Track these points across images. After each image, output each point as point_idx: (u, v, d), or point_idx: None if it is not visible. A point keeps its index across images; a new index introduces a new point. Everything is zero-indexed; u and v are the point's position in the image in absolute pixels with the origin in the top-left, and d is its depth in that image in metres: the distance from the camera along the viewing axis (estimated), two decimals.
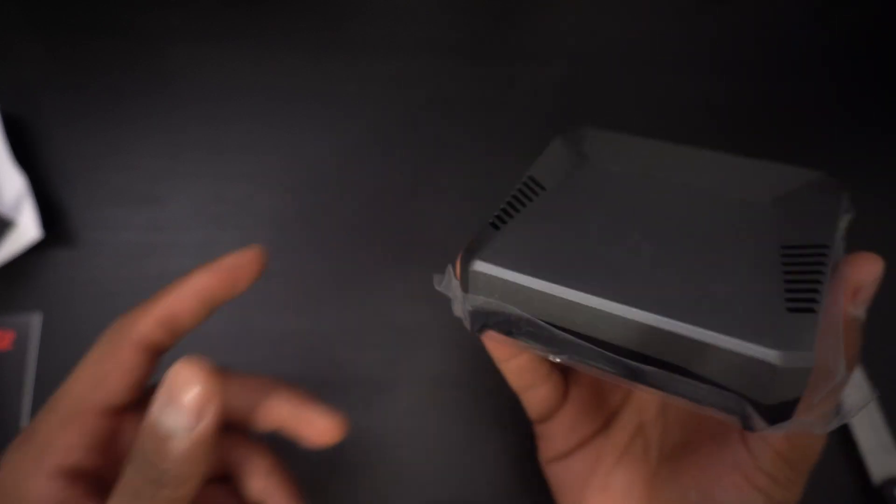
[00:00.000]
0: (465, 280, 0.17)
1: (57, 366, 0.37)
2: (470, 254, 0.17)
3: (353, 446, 0.36)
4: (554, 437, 0.27)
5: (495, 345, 0.22)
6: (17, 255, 0.38)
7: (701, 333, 0.15)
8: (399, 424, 0.36)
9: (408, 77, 0.48)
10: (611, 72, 0.49)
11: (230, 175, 0.43)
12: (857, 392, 0.19)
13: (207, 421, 0.16)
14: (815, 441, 0.20)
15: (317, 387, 0.37)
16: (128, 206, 0.42)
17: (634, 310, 0.15)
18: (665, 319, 0.15)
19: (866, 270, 0.18)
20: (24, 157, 0.42)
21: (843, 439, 0.36)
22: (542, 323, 0.16)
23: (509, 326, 0.17)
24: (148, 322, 0.22)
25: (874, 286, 0.18)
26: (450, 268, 0.18)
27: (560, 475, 0.26)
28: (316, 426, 0.24)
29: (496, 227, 0.18)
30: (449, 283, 0.18)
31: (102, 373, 0.21)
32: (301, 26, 0.49)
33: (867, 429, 0.35)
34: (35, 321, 0.38)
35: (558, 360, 0.17)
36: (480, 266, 0.17)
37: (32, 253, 0.39)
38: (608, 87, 0.48)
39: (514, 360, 0.23)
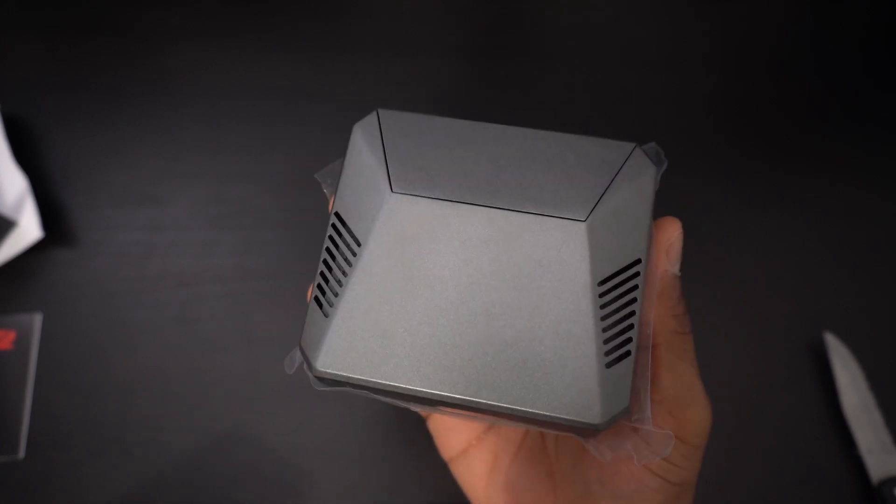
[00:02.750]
0: (311, 371, 0.18)
1: (57, 365, 0.37)
2: (309, 351, 0.18)
3: (351, 443, 0.36)
4: (447, 434, 0.26)
5: None
6: (17, 254, 0.38)
7: (531, 413, 0.17)
8: (399, 423, 0.36)
9: (408, 77, 0.48)
10: (611, 72, 0.49)
11: (230, 175, 0.43)
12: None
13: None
14: (699, 413, 0.20)
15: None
16: (128, 206, 0.42)
17: (475, 399, 0.17)
18: (500, 406, 0.17)
19: (670, 231, 0.20)
20: (25, 157, 0.42)
21: (843, 439, 0.36)
22: (390, 398, 0.19)
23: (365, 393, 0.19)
24: None
25: (679, 243, 0.20)
26: (298, 355, 0.19)
27: (463, 475, 0.26)
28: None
29: (325, 313, 0.19)
30: (297, 366, 0.20)
31: None
32: (301, 26, 0.49)
33: (866, 428, 0.35)
34: (35, 321, 0.38)
35: (414, 408, 0.19)
36: (323, 367, 0.18)
37: (33, 253, 0.39)
38: (608, 87, 0.48)
39: None
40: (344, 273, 0.19)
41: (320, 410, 0.36)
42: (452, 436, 0.26)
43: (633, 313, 0.18)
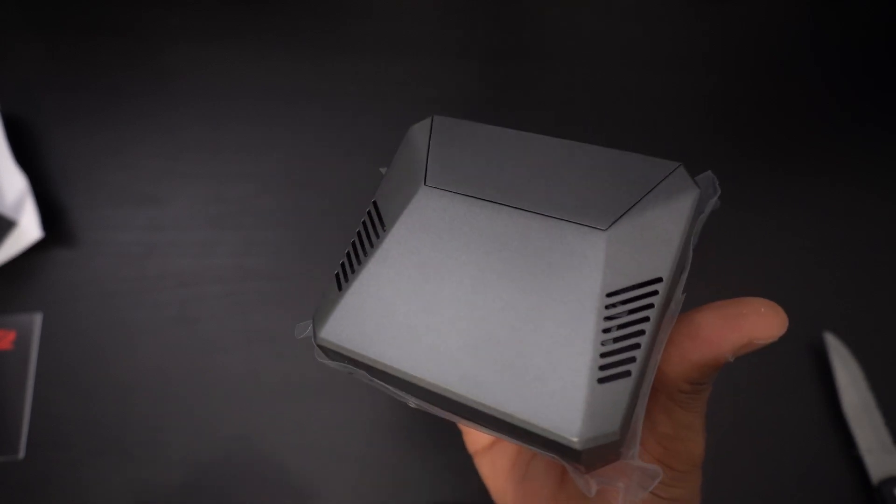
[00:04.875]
0: (315, 339, 0.19)
1: (57, 365, 0.37)
2: (316, 321, 0.19)
3: (353, 443, 0.36)
4: (474, 431, 0.27)
5: None
6: (17, 255, 0.38)
7: (510, 416, 0.16)
8: (399, 424, 0.36)
9: (408, 77, 0.48)
10: (611, 72, 0.49)
11: (230, 175, 0.43)
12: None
13: None
14: (693, 448, 0.19)
15: (318, 386, 0.37)
16: (128, 206, 0.42)
17: (457, 392, 0.17)
18: (481, 403, 0.17)
19: (770, 327, 0.16)
20: (25, 157, 0.42)
21: (843, 439, 0.36)
22: (385, 383, 0.19)
23: (364, 376, 0.19)
24: None
25: (768, 343, 0.16)
26: (309, 325, 0.20)
27: (485, 467, 0.27)
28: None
29: (339, 287, 0.19)
30: (305, 335, 0.20)
31: None
32: (301, 26, 0.49)
33: (866, 428, 0.35)
34: (35, 321, 0.38)
35: (411, 404, 0.19)
36: (325, 336, 0.19)
37: (33, 253, 0.39)
38: (608, 87, 0.48)
39: None
40: (365, 254, 0.19)
41: (321, 410, 0.36)
42: (480, 433, 0.27)
43: (641, 332, 0.16)
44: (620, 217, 0.18)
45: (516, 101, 0.47)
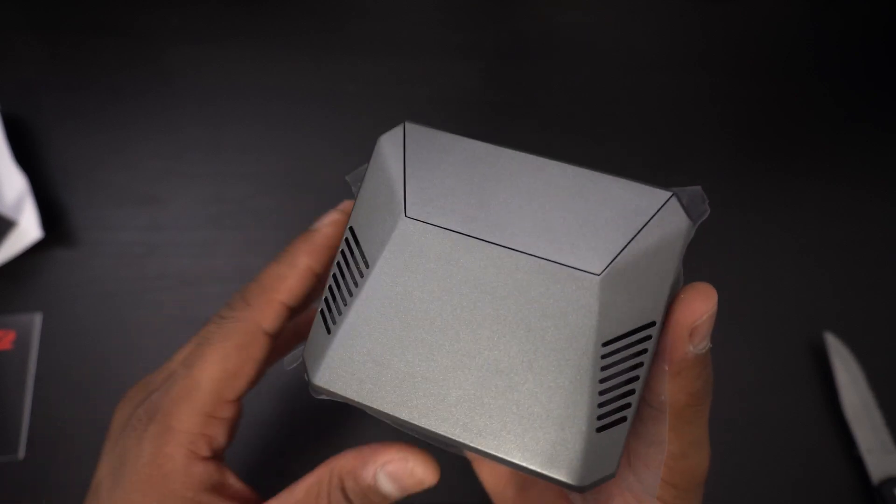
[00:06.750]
0: (309, 383, 0.19)
1: (57, 365, 0.37)
2: (309, 364, 0.19)
3: (352, 443, 0.36)
4: None
5: None
6: (17, 254, 0.38)
7: (516, 464, 0.17)
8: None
9: (408, 77, 0.48)
10: (611, 72, 0.49)
11: (230, 175, 0.43)
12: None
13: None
14: (699, 463, 0.20)
15: None
16: (128, 206, 0.42)
17: (461, 441, 0.17)
18: (485, 451, 0.17)
19: (698, 310, 0.17)
20: (25, 157, 0.42)
21: (843, 439, 0.36)
22: (382, 417, 0.19)
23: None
24: (272, 315, 0.24)
25: (710, 322, 0.17)
26: (300, 355, 0.20)
27: (484, 473, 0.27)
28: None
29: (327, 329, 0.19)
30: (296, 366, 0.20)
31: (235, 367, 0.24)
32: (301, 26, 0.49)
33: (867, 429, 0.35)
34: (35, 321, 0.38)
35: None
36: (319, 382, 0.19)
37: (33, 253, 0.39)
38: (608, 87, 0.48)
39: None
40: (350, 293, 0.19)
41: (320, 410, 0.36)
42: None
43: (636, 378, 0.17)
44: (614, 259, 0.17)
45: (516, 100, 0.47)
